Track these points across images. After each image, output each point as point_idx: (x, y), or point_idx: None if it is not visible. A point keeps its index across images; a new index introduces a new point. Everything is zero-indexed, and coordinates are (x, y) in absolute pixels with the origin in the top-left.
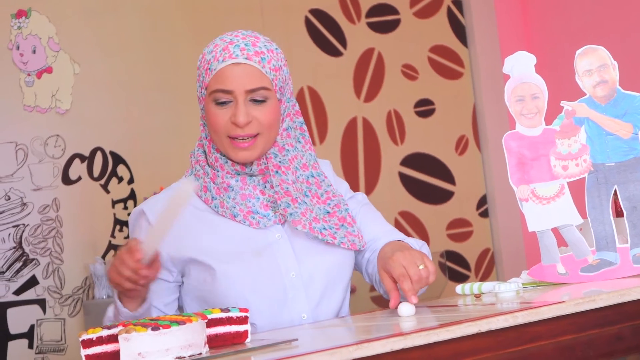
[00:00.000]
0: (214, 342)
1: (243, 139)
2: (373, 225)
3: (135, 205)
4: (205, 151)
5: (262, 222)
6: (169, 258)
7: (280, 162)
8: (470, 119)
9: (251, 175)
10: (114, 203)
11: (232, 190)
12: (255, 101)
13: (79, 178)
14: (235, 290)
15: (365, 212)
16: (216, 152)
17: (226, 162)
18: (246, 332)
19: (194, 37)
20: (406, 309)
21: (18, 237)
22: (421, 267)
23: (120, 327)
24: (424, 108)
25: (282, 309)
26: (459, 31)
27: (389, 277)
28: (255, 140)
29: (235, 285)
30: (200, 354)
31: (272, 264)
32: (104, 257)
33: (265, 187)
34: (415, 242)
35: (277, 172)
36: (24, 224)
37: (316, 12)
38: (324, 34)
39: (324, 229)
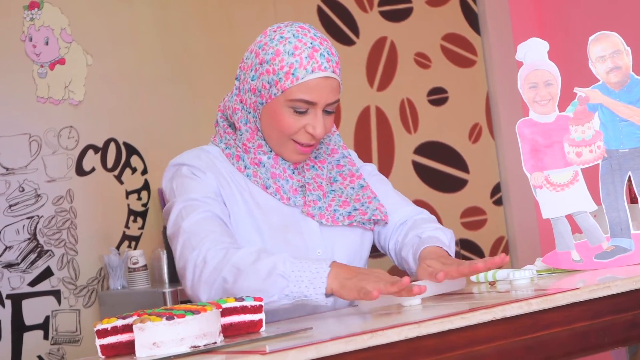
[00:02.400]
0: (228, 331)
1: (309, 146)
2: (383, 198)
3: (149, 196)
4: (230, 124)
5: (292, 200)
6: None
7: (315, 156)
8: (484, 106)
9: None
10: (128, 194)
11: (263, 166)
12: (326, 112)
13: (93, 169)
14: None
15: (374, 185)
16: (261, 139)
17: (265, 145)
18: (260, 321)
19: (205, 27)
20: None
21: (32, 228)
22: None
23: (134, 317)
24: (437, 96)
25: None
26: (472, 19)
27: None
28: (314, 146)
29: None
30: (215, 343)
31: (298, 241)
32: (118, 247)
33: (294, 172)
34: (445, 236)
35: (313, 166)
36: (38, 216)
37: (328, 1)
38: (337, 23)
39: (355, 209)
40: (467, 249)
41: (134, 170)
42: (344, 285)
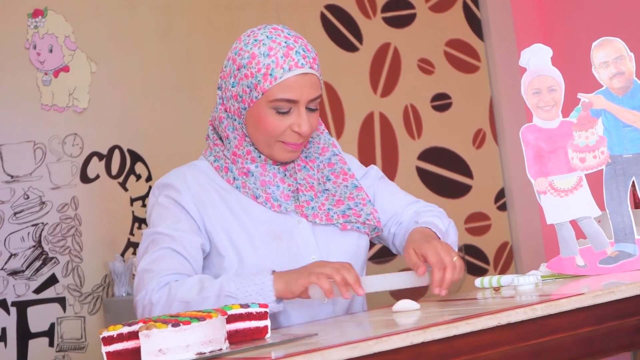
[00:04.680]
0: (234, 337)
1: (297, 144)
2: (393, 199)
3: None
4: (220, 136)
5: (284, 206)
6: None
7: (306, 156)
8: (487, 112)
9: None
10: (132, 201)
11: (252, 175)
12: (309, 109)
13: (97, 176)
14: None
15: (384, 187)
16: (249, 144)
17: (254, 151)
18: (266, 327)
19: (209, 34)
20: (404, 305)
21: (37, 235)
22: (455, 259)
23: (140, 324)
24: (441, 102)
25: None
26: (475, 25)
27: (415, 254)
28: (302, 144)
29: (258, 270)
30: (221, 349)
31: (292, 248)
32: (123, 254)
33: (285, 175)
34: (441, 223)
35: (304, 167)
36: (43, 223)
37: (332, 8)
38: (340, 29)
39: (349, 208)
40: (472, 254)
41: (138, 177)
42: (289, 282)
